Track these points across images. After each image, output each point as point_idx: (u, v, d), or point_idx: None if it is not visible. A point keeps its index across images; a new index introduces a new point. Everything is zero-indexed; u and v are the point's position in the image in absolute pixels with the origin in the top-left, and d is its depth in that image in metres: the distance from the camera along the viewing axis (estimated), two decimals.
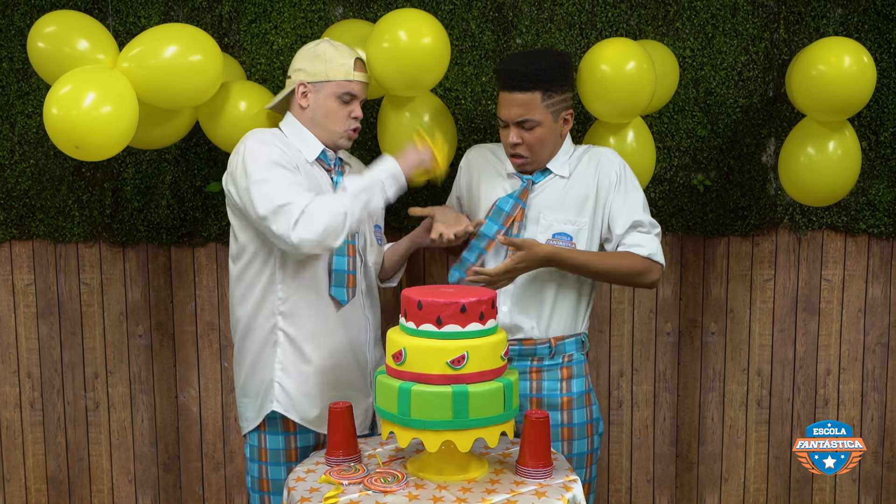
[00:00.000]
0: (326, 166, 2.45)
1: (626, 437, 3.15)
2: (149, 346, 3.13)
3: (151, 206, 3.04)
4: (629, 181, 2.46)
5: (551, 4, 2.96)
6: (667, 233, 3.06)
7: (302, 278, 2.38)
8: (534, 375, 2.44)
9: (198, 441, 3.16)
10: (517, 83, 2.35)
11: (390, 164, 2.36)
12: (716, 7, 2.95)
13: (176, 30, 2.51)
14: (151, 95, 2.48)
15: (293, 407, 2.41)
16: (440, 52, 2.52)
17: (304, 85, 2.42)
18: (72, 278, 3.11)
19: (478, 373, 2.01)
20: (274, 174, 2.26)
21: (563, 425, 2.43)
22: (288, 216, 2.21)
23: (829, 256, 3.08)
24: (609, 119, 2.67)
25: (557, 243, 2.40)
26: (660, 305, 3.10)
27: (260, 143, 2.32)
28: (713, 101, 2.98)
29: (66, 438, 3.17)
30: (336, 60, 2.41)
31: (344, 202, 2.27)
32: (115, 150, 2.41)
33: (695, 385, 3.12)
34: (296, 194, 2.24)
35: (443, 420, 1.98)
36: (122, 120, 2.37)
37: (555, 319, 2.44)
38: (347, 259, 2.44)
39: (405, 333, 2.07)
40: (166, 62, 2.45)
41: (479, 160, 2.58)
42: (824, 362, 3.11)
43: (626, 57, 2.50)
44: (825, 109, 2.53)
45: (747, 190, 3.01)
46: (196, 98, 2.56)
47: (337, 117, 2.42)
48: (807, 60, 2.51)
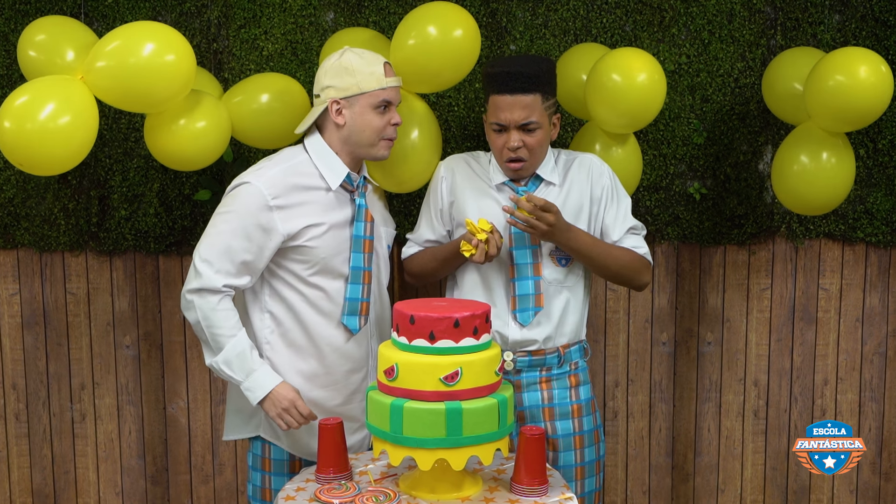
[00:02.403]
0: (350, 188, 2.37)
1: (622, 448, 3.11)
2: (136, 357, 3.08)
3: (139, 214, 2.99)
4: (619, 188, 2.49)
5: (545, 10, 2.92)
6: (662, 241, 3.02)
7: (297, 310, 2.33)
8: (544, 385, 2.43)
9: (186, 453, 3.11)
10: (521, 85, 2.31)
11: (267, 383, 2.25)
12: (712, 13, 2.91)
13: (143, 29, 2.35)
14: (117, 99, 2.35)
15: (278, 437, 2.36)
16: (472, 44, 2.47)
17: (337, 102, 2.31)
18: (58, 288, 3.06)
19: (472, 389, 1.98)
20: (229, 233, 2.22)
21: (576, 433, 2.43)
22: (196, 279, 2.23)
23: (827, 265, 3.05)
24: (614, 130, 2.63)
25: (559, 257, 2.41)
26: (655, 315, 3.06)
27: (255, 195, 2.24)
28: (709, 108, 2.95)
29: (51, 451, 3.12)
30: (365, 70, 2.30)
31: (221, 341, 2.24)
32: (72, 165, 2.33)
33: (691, 395, 3.09)
34: (220, 274, 2.22)
35: (436, 438, 1.95)
36: (81, 132, 2.28)
37: (563, 327, 2.43)
38: (363, 287, 2.37)
39: (397, 349, 2.03)
40: (134, 64, 2.28)
41: (462, 173, 2.50)
42: (821, 372, 3.08)
43: (640, 67, 2.46)
44: (839, 120, 2.47)
45: (744, 198, 2.98)
46: (165, 101, 2.40)
47: (376, 129, 2.32)
48: (825, 70, 2.45)
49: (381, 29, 2.89)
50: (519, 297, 2.39)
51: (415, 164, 2.56)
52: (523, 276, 2.39)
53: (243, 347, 2.24)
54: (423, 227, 2.55)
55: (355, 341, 2.37)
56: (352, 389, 2.40)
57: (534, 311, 2.38)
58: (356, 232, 2.35)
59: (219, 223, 2.26)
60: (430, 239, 2.53)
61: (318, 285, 2.32)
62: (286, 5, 2.91)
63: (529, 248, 2.39)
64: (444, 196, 2.50)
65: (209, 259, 2.23)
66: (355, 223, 2.35)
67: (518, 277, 2.39)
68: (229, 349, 2.24)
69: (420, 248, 2.55)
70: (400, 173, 2.56)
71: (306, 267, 2.31)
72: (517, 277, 2.39)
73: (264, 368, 2.27)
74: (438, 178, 2.52)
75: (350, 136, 2.33)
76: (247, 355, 2.24)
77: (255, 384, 2.25)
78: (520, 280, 2.39)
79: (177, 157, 2.52)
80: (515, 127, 2.33)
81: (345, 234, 2.35)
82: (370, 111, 2.31)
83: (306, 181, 2.31)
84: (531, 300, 2.38)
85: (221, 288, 2.23)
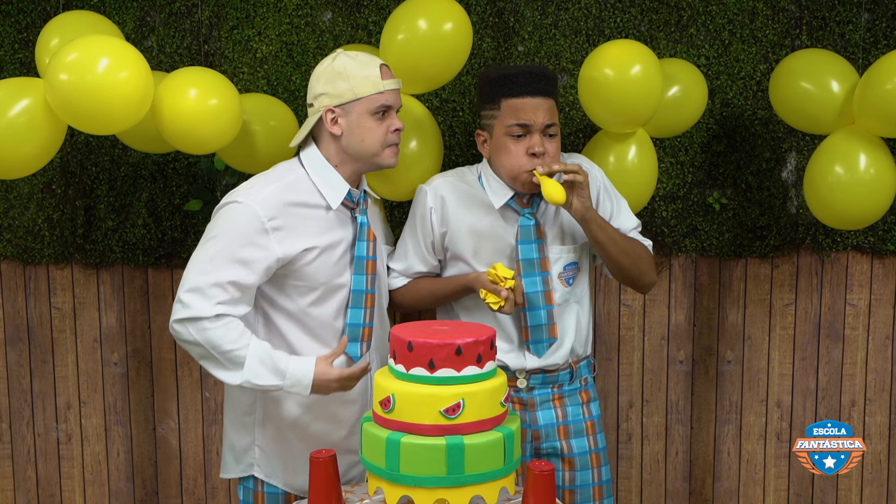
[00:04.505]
0: (351, 205, 2.19)
1: (636, 472, 2.97)
2: (125, 375, 2.94)
3: (127, 225, 2.85)
4: (611, 188, 2.38)
5: (555, 9, 2.76)
6: (679, 254, 2.88)
7: (290, 336, 2.17)
8: (557, 403, 2.33)
9: (177, 476, 2.98)
10: (543, 87, 2.19)
11: (305, 371, 2.07)
12: (733, 12, 2.76)
13: (96, 45, 2.16)
14: (72, 118, 2.19)
15: (275, 473, 2.22)
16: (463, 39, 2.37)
17: (332, 110, 2.13)
18: (42, 302, 2.92)
19: (475, 422, 1.83)
20: (222, 259, 2.05)
21: (591, 451, 2.33)
22: (183, 310, 2.05)
23: (855, 279, 2.90)
24: (612, 128, 2.51)
25: (566, 277, 2.29)
26: (672, 332, 2.92)
27: (249, 216, 2.06)
28: (730, 113, 2.80)
29: (36, 473, 2.99)
30: (359, 73, 2.11)
31: (237, 356, 2.05)
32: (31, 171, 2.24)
33: (709, 417, 2.95)
34: (213, 303, 2.03)
35: (436, 476, 1.80)
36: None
37: (577, 343, 2.34)
38: (364, 311, 2.19)
39: (394, 377, 1.88)
40: (87, 82, 2.11)
41: (452, 199, 2.29)
42: (849, 393, 2.93)
43: (630, 60, 2.34)
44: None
45: (766, 208, 2.83)
46: (123, 122, 2.22)
47: (376, 137, 2.13)
48: (885, 72, 2.30)
49: (380, 29, 2.74)
50: (531, 328, 2.25)
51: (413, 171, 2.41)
52: (535, 306, 2.25)
53: (263, 351, 2.07)
54: (411, 258, 2.36)
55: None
56: (353, 422, 2.24)
57: (548, 342, 2.26)
58: (358, 252, 2.18)
59: (209, 248, 2.08)
60: (422, 271, 2.37)
61: (315, 309, 2.16)
62: (281, 5, 2.76)
63: (540, 276, 2.25)
64: (434, 228, 2.31)
65: (201, 287, 2.05)
66: (357, 243, 2.18)
67: (529, 308, 2.25)
68: (251, 360, 2.05)
69: (409, 279, 2.38)
70: (396, 180, 2.42)
71: (303, 290, 2.15)
72: (529, 308, 2.25)
73: (294, 361, 2.08)
74: (426, 208, 2.30)
75: (349, 147, 2.15)
76: (270, 357, 2.06)
77: (295, 379, 2.07)
78: (531, 310, 2.25)
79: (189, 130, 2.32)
80: (539, 130, 2.19)
81: (345, 255, 2.18)
82: (368, 118, 2.13)
83: (304, 198, 2.14)
84: (544, 331, 2.25)
85: (214, 316, 2.05)
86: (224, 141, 2.35)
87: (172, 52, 2.78)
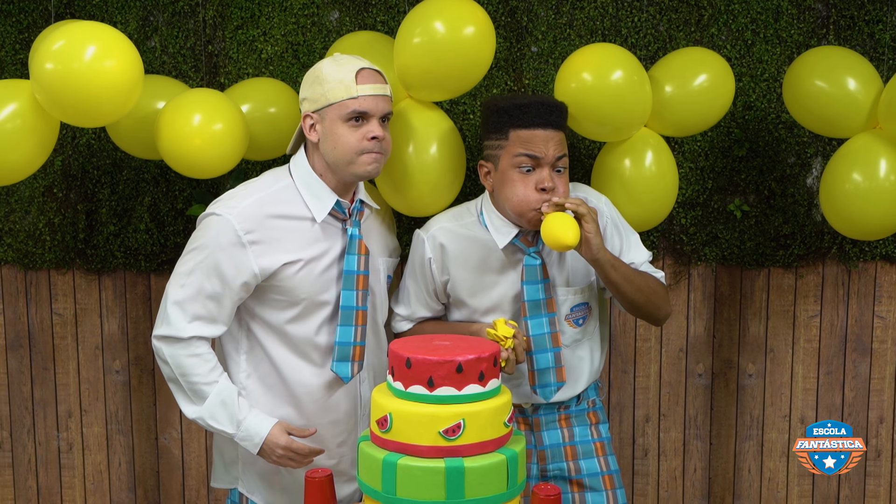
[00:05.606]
0: (341, 216, 2.10)
1: (653, 489, 2.87)
2: (127, 383, 2.89)
3: (129, 230, 2.79)
4: (619, 220, 2.24)
5: (570, 8, 2.66)
6: (699, 263, 2.77)
7: (274, 354, 2.10)
8: (563, 423, 2.23)
9: (180, 486, 2.92)
10: (555, 119, 2.08)
11: (259, 430, 2.03)
12: (756, 11, 2.65)
13: (81, 30, 2.08)
14: (59, 109, 2.13)
15: (256, 490, 2.14)
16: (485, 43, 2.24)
17: (310, 116, 2.05)
18: (43, 308, 2.87)
19: (476, 444, 1.73)
20: (200, 272, 2.01)
21: (603, 473, 2.23)
22: (164, 324, 2.04)
23: (883, 290, 2.78)
24: (597, 138, 2.43)
25: (575, 318, 2.20)
26: (691, 344, 2.81)
27: (225, 229, 2.01)
28: (752, 117, 2.69)
29: (37, 482, 2.95)
30: (333, 77, 2.01)
31: (201, 390, 2.03)
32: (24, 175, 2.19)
33: (729, 433, 2.85)
34: (190, 318, 2.02)
35: (434, 501, 1.71)
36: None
37: (588, 376, 2.25)
38: (355, 329, 2.09)
39: (392, 395, 1.79)
40: (72, 72, 2.03)
41: (451, 246, 2.17)
42: (877, 409, 2.82)
43: (603, 66, 2.26)
44: None
45: (790, 216, 2.72)
46: (113, 113, 2.16)
47: (348, 145, 2.01)
48: None
49: (389, 29, 2.66)
50: (538, 371, 2.14)
51: (423, 185, 2.28)
52: (542, 348, 2.14)
53: (227, 394, 2.03)
54: (414, 304, 2.26)
55: (343, 389, 2.13)
56: (338, 442, 2.16)
57: (556, 386, 2.16)
58: (347, 266, 2.08)
59: (188, 260, 2.05)
60: (426, 316, 2.28)
61: (293, 326, 2.08)
62: (287, 4, 2.68)
63: (546, 317, 2.13)
64: (435, 276, 2.20)
65: (180, 301, 2.03)
66: (346, 256, 2.08)
67: (536, 350, 2.14)
68: (213, 399, 2.02)
69: (414, 324, 2.29)
70: (407, 192, 2.31)
71: (284, 305, 2.07)
72: (535, 350, 2.14)
73: (254, 414, 2.05)
74: (424, 257, 2.19)
75: (325, 154, 2.06)
76: (233, 403, 2.03)
77: (248, 433, 2.04)
78: (538, 353, 2.14)
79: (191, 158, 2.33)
80: (549, 164, 2.07)
81: (331, 269, 2.09)
82: (340, 124, 2.02)
83: (287, 210, 2.06)
84: (552, 374, 2.14)
85: (189, 339, 2.02)
86: (228, 167, 2.34)
87: (175, 52, 2.71)
